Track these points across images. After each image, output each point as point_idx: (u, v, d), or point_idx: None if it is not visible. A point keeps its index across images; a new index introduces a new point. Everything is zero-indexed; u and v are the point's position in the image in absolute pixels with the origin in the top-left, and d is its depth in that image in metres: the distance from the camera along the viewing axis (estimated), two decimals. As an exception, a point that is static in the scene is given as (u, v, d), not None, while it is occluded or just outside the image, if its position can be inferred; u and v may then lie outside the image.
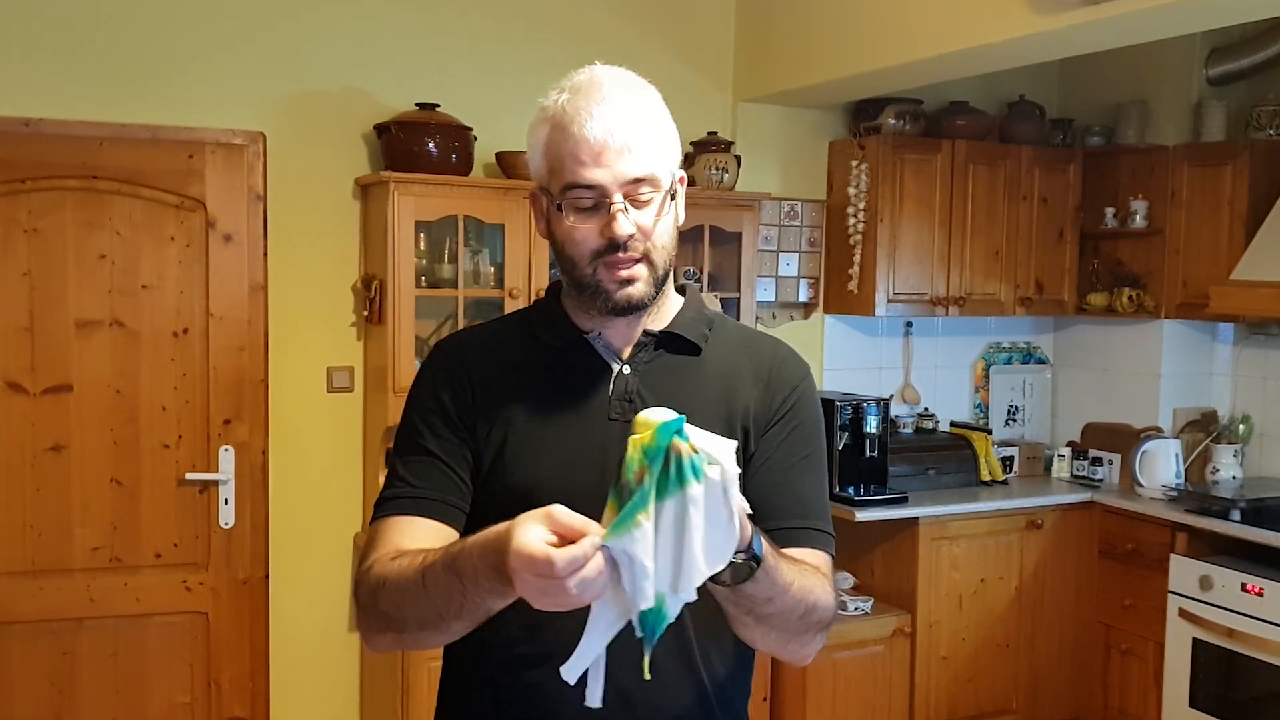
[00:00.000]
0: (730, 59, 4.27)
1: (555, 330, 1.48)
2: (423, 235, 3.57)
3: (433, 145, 3.50)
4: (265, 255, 3.48)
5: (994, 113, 4.59)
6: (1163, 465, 4.31)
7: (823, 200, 4.47)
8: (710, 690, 1.42)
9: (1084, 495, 4.37)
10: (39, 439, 3.30)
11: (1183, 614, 3.92)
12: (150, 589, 3.41)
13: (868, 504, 4.04)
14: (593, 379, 1.44)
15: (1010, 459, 4.64)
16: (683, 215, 1.45)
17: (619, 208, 1.35)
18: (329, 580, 3.69)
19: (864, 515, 3.99)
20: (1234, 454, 4.43)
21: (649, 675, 1.17)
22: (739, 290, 4.00)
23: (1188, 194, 4.35)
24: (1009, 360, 4.96)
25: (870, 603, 4.08)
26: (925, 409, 4.70)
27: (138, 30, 3.43)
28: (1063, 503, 4.36)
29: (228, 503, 3.46)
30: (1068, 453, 4.67)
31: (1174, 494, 4.21)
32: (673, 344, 1.48)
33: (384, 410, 3.51)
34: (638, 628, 1.11)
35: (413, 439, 1.45)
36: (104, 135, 3.29)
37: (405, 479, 1.42)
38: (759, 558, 1.19)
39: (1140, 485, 4.31)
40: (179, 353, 3.41)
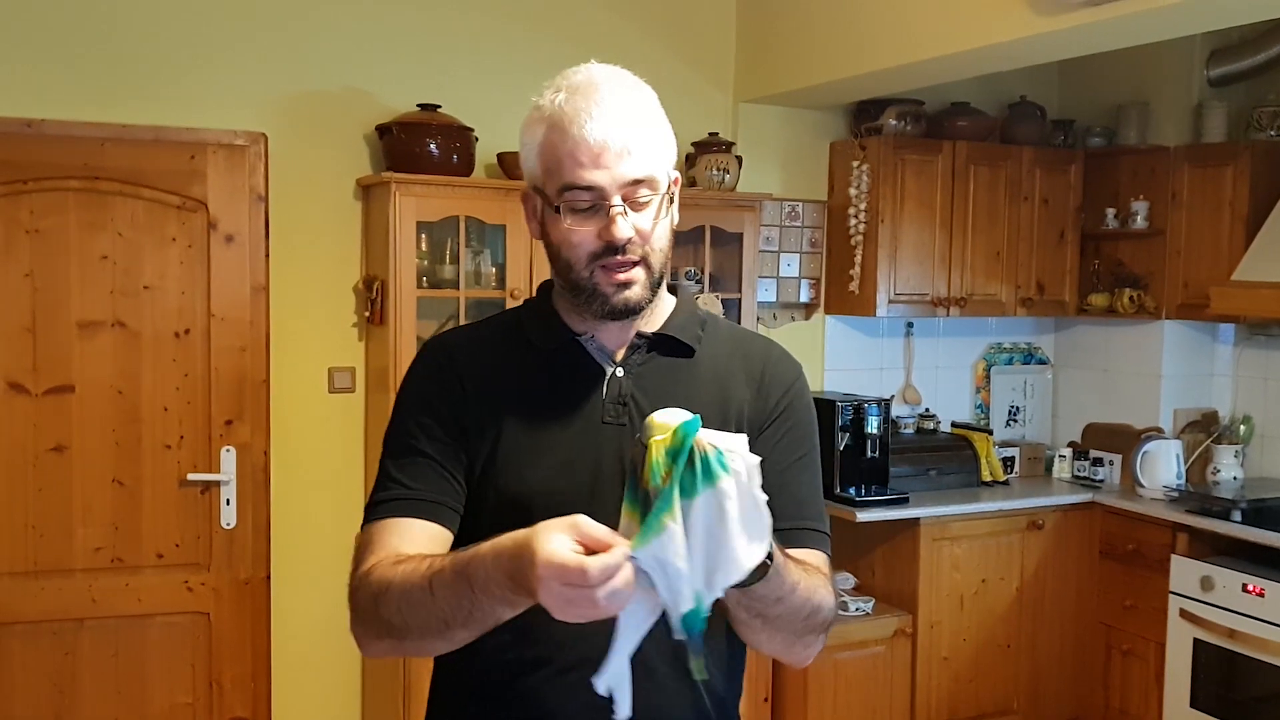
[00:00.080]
0: (731, 59, 4.27)
1: (547, 332, 1.45)
2: (424, 236, 3.58)
3: (434, 146, 3.51)
4: (267, 256, 3.48)
5: (995, 114, 4.59)
6: (1164, 466, 4.31)
7: (824, 201, 4.47)
8: (706, 696, 1.41)
9: (1085, 496, 4.38)
10: (41, 439, 3.30)
11: (1184, 614, 3.92)
12: (152, 589, 3.41)
13: (869, 504, 4.04)
14: (586, 382, 1.42)
15: (1011, 459, 4.65)
16: (677, 216, 1.43)
17: (618, 210, 1.33)
18: (330, 580, 3.68)
19: (865, 516, 4.00)
20: (1235, 454, 4.43)
21: (701, 675, 1.16)
22: (740, 291, 4.00)
23: (1188, 195, 4.35)
24: (1010, 361, 4.96)
25: (871, 603, 4.08)
26: (926, 409, 4.70)
27: (139, 31, 3.43)
28: (1064, 503, 4.36)
29: (229, 503, 3.47)
30: (1069, 453, 4.67)
31: (1175, 494, 4.21)
32: (666, 346, 1.46)
33: (385, 411, 3.46)
34: (678, 630, 1.09)
35: (405, 440, 1.42)
36: (106, 136, 3.30)
37: (399, 480, 1.39)
38: (770, 555, 1.18)
39: (1141, 486, 4.31)
40: (180, 353, 3.41)
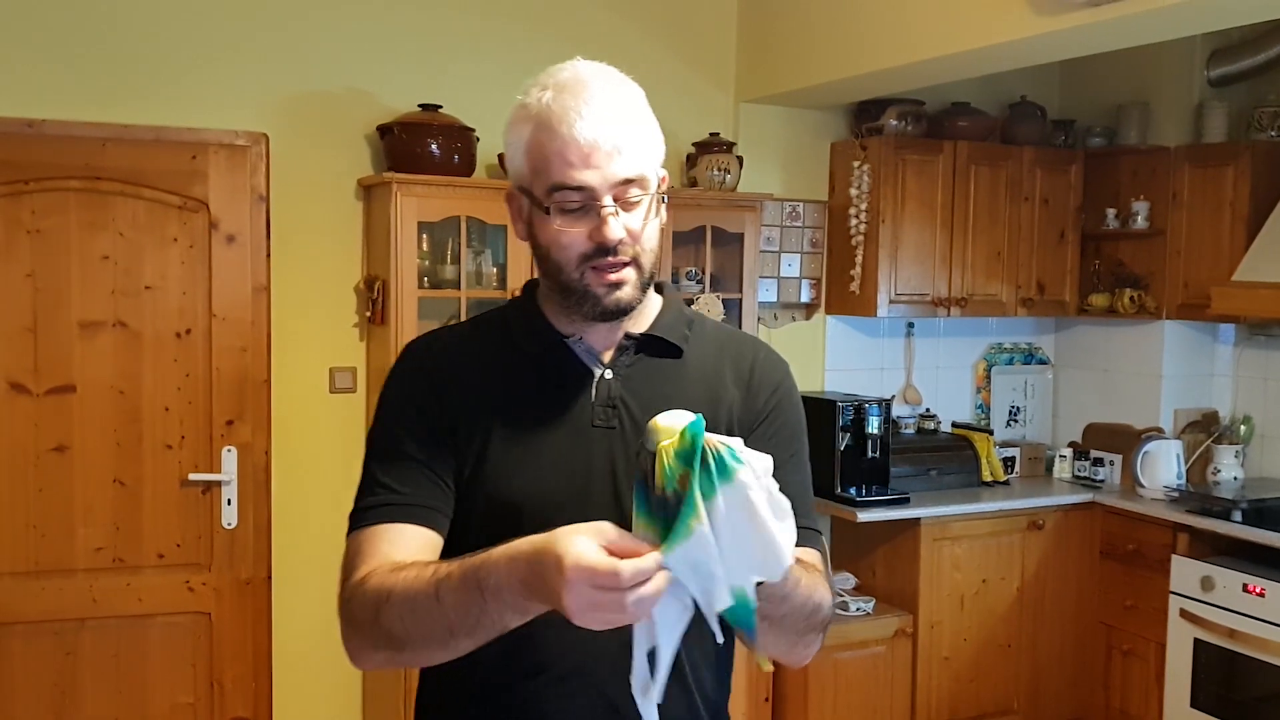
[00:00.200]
0: (732, 59, 4.27)
1: (534, 334, 1.42)
2: (425, 236, 3.58)
3: (435, 146, 3.51)
4: (268, 256, 3.48)
5: (995, 114, 4.59)
6: (1164, 466, 4.31)
7: (824, 201, 4.47)
8: (699, 700, 1.41)
9: (1085, 496, 4.38)
10: (42, 439, 3.30)
11: (1184, 614, 3.93)
12: (153, 589, 3.41)
13: (869, 504, 4.04)
14: (574, 384, 1.40)
15: (1012, 459, 4.65)
16: (665, 216, 1.41)
17: (610, 211, 1.30)
18: (331, 581, 3.65)
19: (866, 516, 4.00)
20: (1235, 455, 4.43)
21: (767, 666, 1.14)
22: (741, 291, 4.00)
23: (1189, 195, 4.35)
24: (1010, 361, 4.96)
25: (872, 603, 4.08)
26: (927, 410, 4.70)
27: (140, 31, 3.43)
28: (1064, 503, 4.36)
29: (230, 503, 3.47)
30: (1069, 453, 4.67)
31: (1175, 495, 4.21)
32: (654, 347, 1.43)
33: (386, 411, 3.50)
34: (718, 632, 1.09)
35: (391, 443, 1.39)
36: (107, 136, 3.30)
37: (388, 485, 1.36)
38: None
39: (1141, 486, 4.32)
40: (182, 353, 3.41)
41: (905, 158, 4.29)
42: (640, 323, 1.43)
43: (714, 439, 1.06)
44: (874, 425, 4.14)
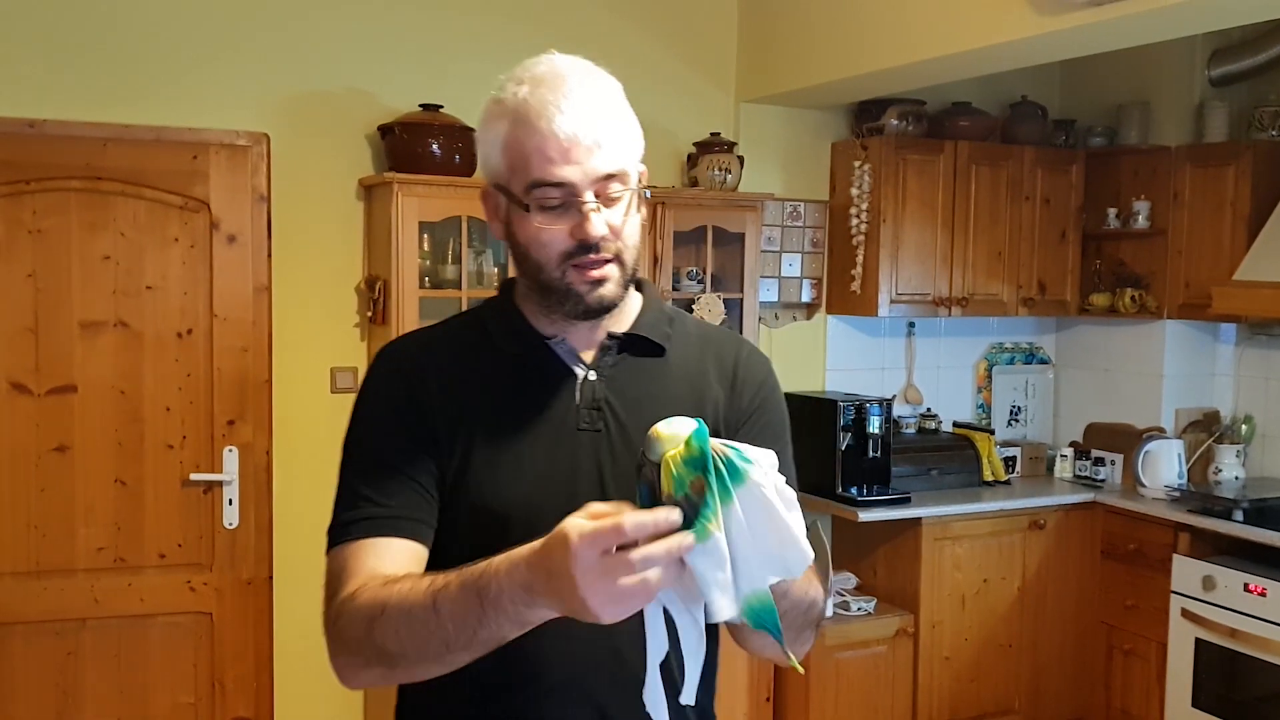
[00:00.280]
0: (733, 59, 4.27)
1: (513, 335, 1.39)
2: (426, 236, 3.58)
3: (436, 146, 3.51)
4: (269, 256, 3.48)
5: (996, 113, 4.59)
6: (1165, 465, 4.31)
7: (825, 201, 4.47)
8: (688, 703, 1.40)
9: (1086, 495, 4.38)
10: (43, 439, 3.30)
11: (1185, 614, 3.93)
12: (154, 589, 3.42)
13: (870, 504, 4.04)
14: (557, 387, 1.36)
15: (1013, 459, 4.65)
16: (645, 211, 1.37)
17: (591, 207, 1.27)
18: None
19: (867, 516, 4.00)
20: (1236, 454, 4.43)
21: (801, 668, 1.12)
22: (742, 291, 4.00)
23: (1190, 195, 4.35)
24: (1011, 361, 4.96)
25: (873, 603, 4.08)
26: (928, 409, 4.70)
27: (141, 31, 3.43)
28: (1065, 503, 4.36)
29: (232, 503, 3.47)
30: (1070, 453, 4.67)
31: (1176, 494, 4.21)
32: (636, 346, 1.40)
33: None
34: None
35: (371, 452, 1.35)
36: (108, 136, 3.30)
37: (370, 497, 1.31)
38: None
39: (1143, 485, 4.31)
40: (183, 353, 3.41)
41: (906, 157, 4.29)
42: (622, 321, 1.41)
43: (718, 444, 1.05)
44: (875, 425, 4.13)
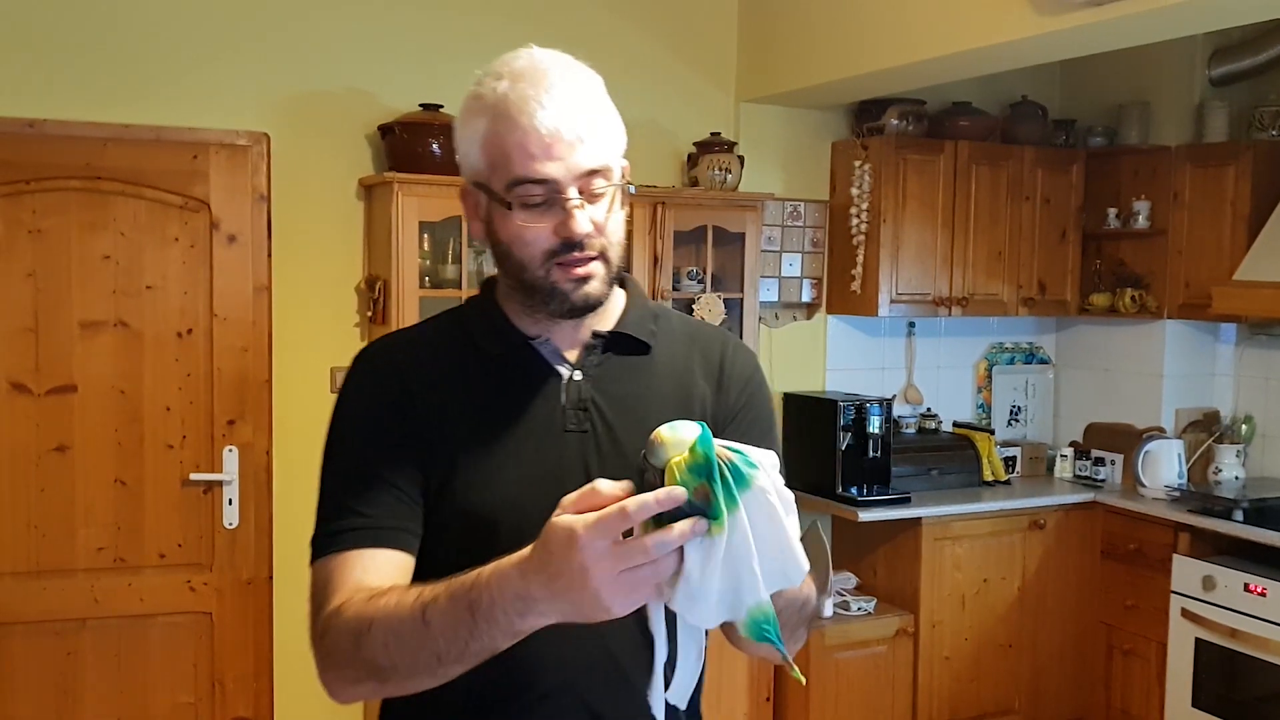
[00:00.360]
0: (733, 59, 4.27)
1: (496, 336, 1.35)
2: (426, 236, 3.58)
3: (436, 146, 3.50)
4: (269, 256, 3.48)
5: (996, 113, 4.59)
6: (1165, 465, 4.31)
7: (826, 201, 4.47)
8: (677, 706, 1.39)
9: (1086, 495, 4.38)
10: (43, 439, 3.30)
11: (1185, 614, 3.93)
12: (154, 589, 3.41)
13: (871, 504, 4.04)
14: (542, 388, 1.33)
15: (1013, 459, 4.65)
16: (629, 207, 1.35)
17: (575, 204, 1.24)
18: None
19: (867, 515, 4.00)
20: (1236, 454, 4.43)
21: (803, 678, 1.09)
22: (742, 291, 4.00)
23: (1190, 195, 4.35)
24: (1011, 360, 4.96)
25: (873, 603, 4.08)
26: (928, 409, 4.70)
27: (140, 31, 3.43)
28: (1065, 503, 4.36)
29: (232, 503, 3.47)
30: (1070, 453, 4.67)
31: (1176, 494, 4.21)
32: (621, 344, 1.37)
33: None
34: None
35: (352, 460, 1.31)
36: (107, 136, 3.30)
37: (354, 508, 1.27)
38: None
39: (1143, 485, 4.31)
40: (183, 353, 3.41)
41: (906, 157, 4.29)
42: (606, 319, 1.37)
43: (722, 448, 1.03)
44: (875, 425, 4.14)
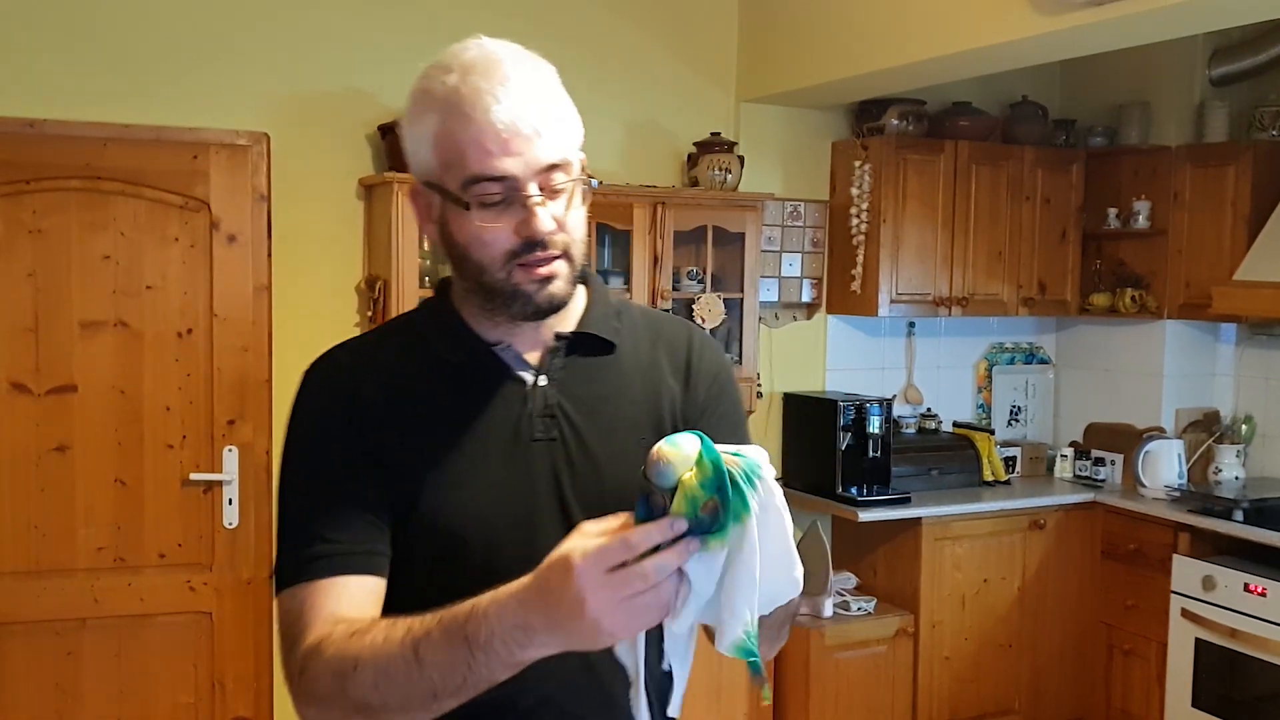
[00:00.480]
0: (733, 59, 4.27)
1: (454, 342, 1.29)
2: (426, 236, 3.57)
3: (436, 146, 3.51)
4: (269, 256, 3.48)
5: (996, 113, 4.59)
6: (1165, 465, 4.31)
7: (826, 201, 4.47)
8: (655, 700, 1.33)
9: (1086, 495, 4.38)
10: (43, 439, 3.30)
11: (1185, 614, 3.93)
12: (154, 589, 3.41)
13: (871, 504, 4.04)
14: (507, 396, 1.27)
15: (1013, 459, 4.65)
16: (589, 202, 1.28)
17: (537, 201, 1.18)
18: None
19: (867, 515, 4.00)
20: (1236, 454, 4.43)
21: (769, 699, 1.10)
22: (742, 291, 4.00)
23: (1190, 195, 4.35)
24: (1011, 360, 4.96)
25: (873, 603, 4.08)
26: (928, 409, 4.70)
27: (141, 31, 3.43)
28: (1065, 503, 4.36)
29: (232, 503, 3.47)
30: (1070, 453, 4.67)
31: (1176, 494, 4.21)
32: (584, 345, 1.31)
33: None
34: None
35: (315, 482, 1.24)
36: (107, 136, 3.30)
37: (320, 533, 1.20)
38: None
39: (1143, 485, 4.31)
40: (183, 353, 3.41)
41: (906, 157, 4.29)
42: (567, 320, 1.31)
43: (727, 456, 1.00)
44: (875, 425, 4.14)
